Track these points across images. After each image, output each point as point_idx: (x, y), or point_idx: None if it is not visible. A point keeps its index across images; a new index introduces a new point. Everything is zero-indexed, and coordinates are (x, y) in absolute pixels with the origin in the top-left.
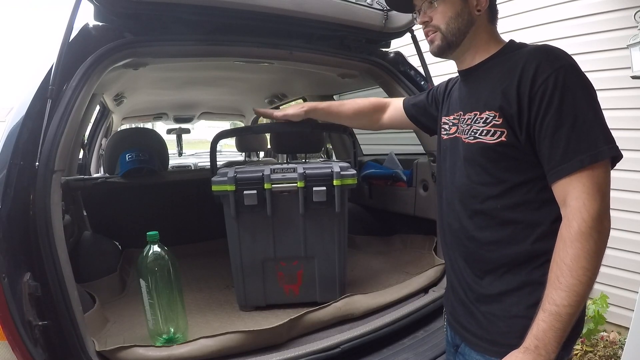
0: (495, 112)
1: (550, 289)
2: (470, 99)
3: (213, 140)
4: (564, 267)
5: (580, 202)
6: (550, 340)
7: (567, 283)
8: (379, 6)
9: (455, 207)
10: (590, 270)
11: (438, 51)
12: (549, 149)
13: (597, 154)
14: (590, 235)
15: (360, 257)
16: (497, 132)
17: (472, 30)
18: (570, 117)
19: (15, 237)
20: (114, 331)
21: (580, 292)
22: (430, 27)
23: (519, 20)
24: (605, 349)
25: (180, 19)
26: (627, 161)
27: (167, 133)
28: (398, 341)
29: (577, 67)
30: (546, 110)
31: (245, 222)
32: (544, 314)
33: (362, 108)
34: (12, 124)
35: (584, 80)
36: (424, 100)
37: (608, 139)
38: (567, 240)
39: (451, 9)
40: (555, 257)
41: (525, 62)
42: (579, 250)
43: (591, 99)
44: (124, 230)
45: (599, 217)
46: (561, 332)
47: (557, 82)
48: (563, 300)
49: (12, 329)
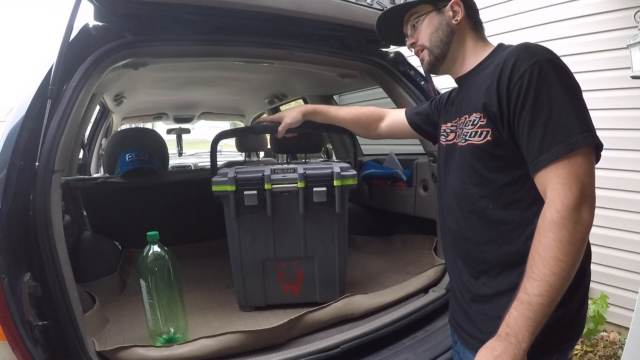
0: (480, 113)
1: (524, 278)
2: (461, 104)
3: (213, 141)
4: (536, 257)
5: (555, 192)
6: (521, 329)
7: (539, 273)
8: (379, 6)
9: (452, 209)
10: (563, 261)
11: (429, 67)
12: (526, 143)
13: (572, 143)
14: (563, 225)
15: (360, 257)
16: (483, 132)
17: (455, 38)
18: (546, 110)
19: (15, 237)
20: (114, 331)
21: (552, 282)
22: (418, 47)
23: (519, 20)
24: (605, 349)
25: (180, 19)
26: (627, 161)
27: (167, 133)
28: (398, 341)
29: (555, 61)
30: (522, 105)
31: (246, 223)
32: (516, 302)
33: (360, 114)
34: (12, 124)
35: (562, 74)
36: (427, 109)
37: (584, 128)
38: (540, 230)
39: (430, 25)
40: (531, 247)
41: (504, 61)
42: (551, 240)
43: (568, 91)
44: (124, 230)
45: (575, 207)
46: (532, 321)
47: (532, 77)
48: (534, 290)
49: (12, 329)
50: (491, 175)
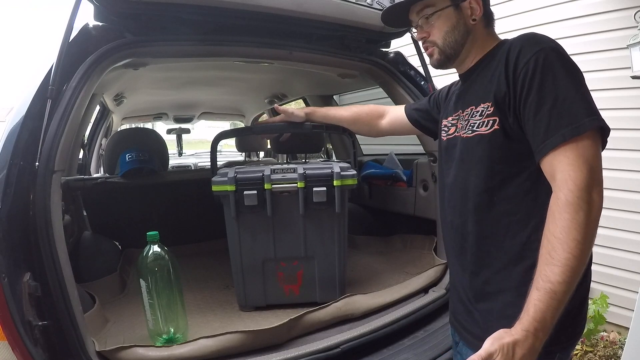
0: (488, 103)
1: (542, 265)
2: (467, 96)
3: (214, 141)
4: (554, 241)
5: (565, 174)
6: (547, 322)
7: (560, 257)
8: (379, 6)
9: (455, 203)
10: (582, 243)
11: (438, 64)
12: (532, 129)
13: (578, 126)
14: (579, 205)
15: (360, 257)
16: (490, 121)
17: (469, 39)
18: (551, 95)
19: (15, 237)
20: (114, 331)
21: (574, 266)
22: (428, 43)
23: (519, 20)
24: (605, 349)
25: (180, 19)
26: (627, 161)
27: (167, 133)
28: (398, 341)
29: (559, 49)
30: (528, 91)
31: (246, 223)
32: (539, 292)
33: (360, 112)
34: (12, 124)
35: (566, 61)
36: (426, 105)
37: (590, 112)
38: (555, 213)
39: (446, 23)
40: (546, 232)
41: (509, 49)
42: (569, 222)
43: (573, 78)
44: (124, 230)
45: (587, 187)
46: (557, 311)
47: (537, 64)
48: (557, 277)
49: (12, 329)
50: (497, 166)
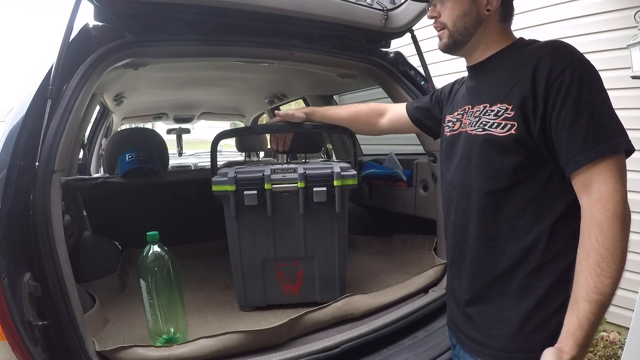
0: (507, 105)
1: (590, 276)
2: (479, 92)
3: (214, 141)
4: (604, 252)
5: (610, 185)
6: (593, 334)
7: (611, 269)
8: (379, 6)
9: (459, 202)
10: (625, 254)
11: (445, 48)
12: (567, 139)
13: (615, 145)
14: (624, 217)
15: (360, 257)
16: (508, 124)
17: (480, 29)
18: (588, 109)
19: (15, 237)
20: (114, 331)
21: (618, 278)
22: (438, 23)
23: (519, 20)
24: (605, 349)
25: (180, 19)
26: (627, 161)
27: (167, 133)
28: (398, 341)
29: (589, 62)
30: (563, 101)
31: (246, 223)
32: (591, 305)
33: (360, 111)
34: (12, 124)
35: (597, 75)
36: (427, 103)
37: (623, 133)
38: (603, 223)
39: (458, 8)
40: (592, 243)
41: (539, 56)
42: (617, 233)
43: (605, 94)
44: (124, 230)
45: (625, 202)
46: (599, 324)
47: (574, 75)
48: (608, 289)
49: (12, 329)
50: (508, 170)
